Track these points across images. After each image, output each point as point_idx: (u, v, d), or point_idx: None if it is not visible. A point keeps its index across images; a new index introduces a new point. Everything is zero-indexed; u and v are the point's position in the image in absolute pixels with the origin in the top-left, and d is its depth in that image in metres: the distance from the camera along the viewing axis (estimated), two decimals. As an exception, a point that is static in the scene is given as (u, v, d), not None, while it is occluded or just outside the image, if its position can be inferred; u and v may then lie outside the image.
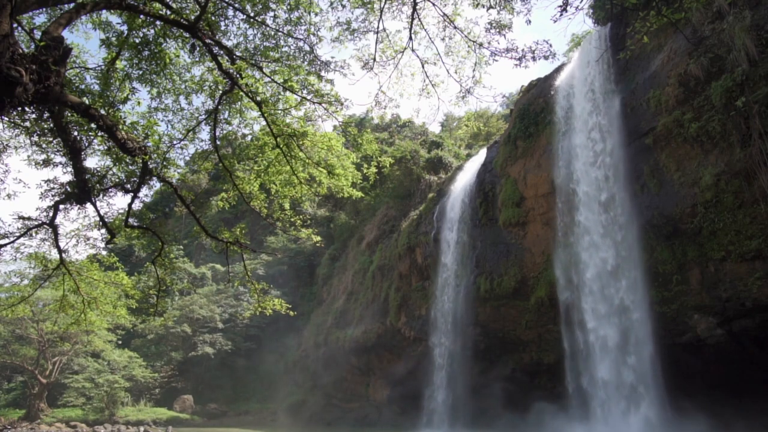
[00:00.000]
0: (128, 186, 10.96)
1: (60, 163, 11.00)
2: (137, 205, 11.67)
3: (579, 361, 20.20)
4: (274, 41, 10.88)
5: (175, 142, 11.87)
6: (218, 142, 11.74)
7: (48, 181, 11.03)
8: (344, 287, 40.92)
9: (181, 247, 60.15)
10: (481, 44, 10.23)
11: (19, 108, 7.04)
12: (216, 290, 53.94)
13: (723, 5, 16.17)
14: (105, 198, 11.50)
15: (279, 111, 10.97)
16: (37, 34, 8.13)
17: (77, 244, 13.35)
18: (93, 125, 8.89)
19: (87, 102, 9.11)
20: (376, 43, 10.55)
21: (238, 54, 10.58)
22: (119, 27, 10.27)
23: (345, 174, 12.12)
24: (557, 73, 24.76)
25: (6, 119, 9.35)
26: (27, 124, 10.02)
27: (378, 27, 10.32)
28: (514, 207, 24.13)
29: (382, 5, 10.05)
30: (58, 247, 12.37)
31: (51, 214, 11.43)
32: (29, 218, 11.80)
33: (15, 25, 6.64)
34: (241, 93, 10.63)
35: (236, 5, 10.25)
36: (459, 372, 26.56)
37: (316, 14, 10.55)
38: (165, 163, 11.01)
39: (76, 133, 9.69)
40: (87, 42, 61.27)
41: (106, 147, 10.42)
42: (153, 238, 13.14)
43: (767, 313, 15.57)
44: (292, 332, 47.05)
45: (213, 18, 10.32)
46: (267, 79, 10.76)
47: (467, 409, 26.10)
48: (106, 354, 46.15)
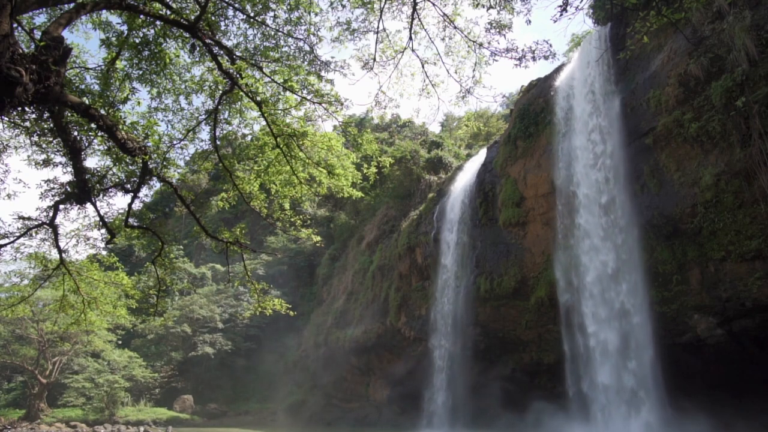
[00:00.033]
0: (128, 186, 10.97)
1: (60, 163, 11.01)
2: (137, 205, 11.68)
3: (579, 365, 20.13)
4: (274, 41, 10.89)
5: (175, 142, 11.88)
6: (218, 142, 11.74)
7: (48, 181, 11.04)
8: (344, 287, 40.91)
9: (181, 247, 60.14)
10: (481, 44, 10.24)
11: (19, 108, 7.04)
12: (216, 290, 53.94)
13: (723, 5, 16.17)
14: (105, 198, 11.52)
15: (279, 111, 10.97)
16: (37, 34, 8.13)
17: (77, 244, 13.38)
18: (93, 125, 8.89)
19: (87, 102, 9.11)
20: (376, 43, 10.56)
21: (238, 54, 10.58)
22: (119, 27, 10.28)
23: (345, 174, 12.13)
24: (557, 73, 24.75)
25: (6, 119, 9.36)
26: (27, 124, 10.02)
27: (378, 27, 10.33)
28: (514, 207, 24.13)
29: (382, 5, 10.05)
30: (58, 247, 12.38)
31: (51, 214, 11.43)
32: (29, 218, 11.81)
33: (15, 25, 6.64)
34: (241, 93, 10.63)
35: (236, 5, 10.25)
36: (459, 373, 26.54)
37: (316, 14, 10.56)
38: (165, 163, 11.01)
39: (76, 133, 9.69)
40: (87, 42, 61.26)
41: (106, 147, 10.43)
42: (153, 238, 13.14)
43: (767, 313, 15.58)
44: (292, 332, 47.05)
45: (213, 18, 10.32)
46: (267, 79, 10.76)
47: (467, 410, 26.10)
48: (106, 354, 46.15)
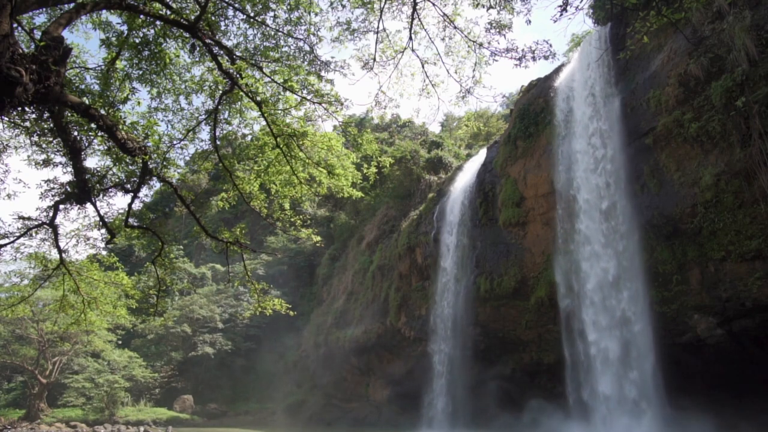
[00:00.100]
0: (128, 186, 10.97)
1: (60, 163, 11.01)
2: (137, 205, 11.68)
3: (580, 372, 19.94)
4: (274, 41, 10.89)
5: (175, 142, 11.88)
6: (218, 142, 11.74)
7: (48, 181, 11.04)
8: (344, 287, 40.91)
9: (181, 247, 60.14)
10: (481, 44, 10.24)
11: (19, 108, 7.04)
12: (216, 290, 53.94)
13: (723, 5, 16.17)
14: (105, 198, 11.53)
15: (279, 111, 10.97)
16: (37, 34, 8.13)
17: (77, 244, 13.38)
18: (93, 125, 8.89)
19: (87, 102, 9.11)
20: (376, 43, 10.56)
21: (238, 54, 10.58)
22: (119, 27, 10.28)
23: (345, 174, 12.13)
24: (557, 74, 24.75)
25: (6, 119, 9.36)
26: (27, 124, 10.02)
27: (378, 27, 10.33)
28: (514, 207, 24.13)
29: (382, 5, 10.05)
30: (58, 247, 12.39)
31: (51, 214, 11.43)
32: (29, 218, 11.81)
33: (15, 25, 6.64)
34: (241, 93, 10.63)
35: (236, 5, 10.25)
36: (459, 376, 26.48)
37: (316, 14, 10.56)
38: (165, 163, 11.01)
39: (76, 133, 9.69)
40: (87, 42, 61.26)
41: (106, 147, 10.43)
42: (153, 238, 13.14)
43: (767, 313, 15.57)
44: (292, 332, 47.04)
45: (213, 18, 10.32)
46: (267, 79, 10.76)
47: (467, 410, 26.08)
48: (106, 354, 46.16)
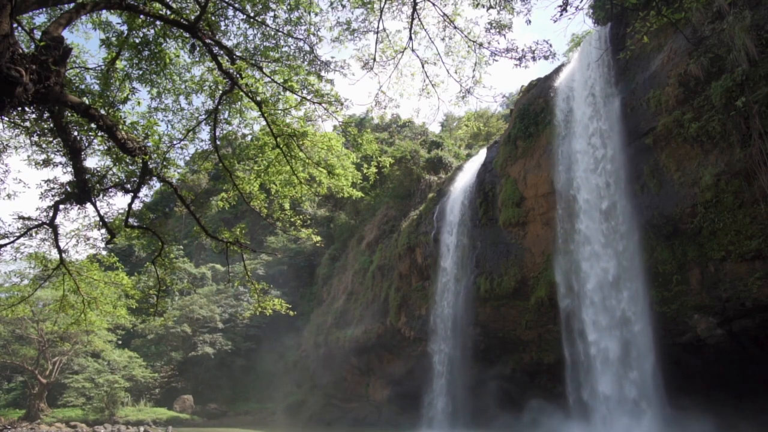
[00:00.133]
0: (128, 186, 10.97)
1: (60, 163, 11.02)
2: (137, 205, 11.68)
3: (580, 372, 19.93)
4: (274, 41, 10.89)
5: (175, 142, 11.89)
6: (218, 142, 11.74)
7: (48, 181, 11.04)
8: (344, 287, 40.91)
9: (181, 247, 60.15)
10: (481, 44, 10.24)
11: (19, 108, 7.04)
12: (216, 290, 53.94)
13: (723, 5, 16.17)
14: (105, 198, 11.53)
15: (279, 111, 10.97)
16: (37, 34, 8.14)
17: (77, 244, 13.38)
18: (93, 125, 8.89)
19: (87, 102, 9.11)
20: (376, 43, 10.56)
21: (238, 54, 10.58)
22: (119, 27, 10.28)
23: (345, 174, 12.13)
24: (557, 74, 24.75)
25: (6, 119, 9.36)
26: (27, 124, 10.02)
27: (378, 27, 10.33)
28: (514, 207, 24.12)
29: (382, 5, 10.05)
30: (58, 247, 12.39)
31: (51, 214, 11.43)
32: (29, 218, 11.81)
33: (15, 25, 6.64)
34: (241, 93, 10.63)
35: (236, 5, 10.25)
36: (459, 376, 26.47)
37: (316, 14, 10.56)
38: (165, 163, 11.01)
39: (76, 133, 9.69)
40: (87, 42, 61.25)
41: (106, 147, 10.43)
42: (153, 238, 13.14)
43: (767, 313, 15.57)
44: (292, 332, 47.04)
45: (213, 18, 10.32)
46: (267, 79, 10.76)
47: (467, 410, 26.08)
48: (106, 354, 46.16)
